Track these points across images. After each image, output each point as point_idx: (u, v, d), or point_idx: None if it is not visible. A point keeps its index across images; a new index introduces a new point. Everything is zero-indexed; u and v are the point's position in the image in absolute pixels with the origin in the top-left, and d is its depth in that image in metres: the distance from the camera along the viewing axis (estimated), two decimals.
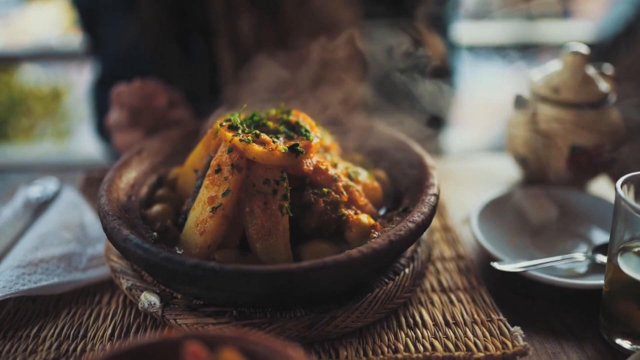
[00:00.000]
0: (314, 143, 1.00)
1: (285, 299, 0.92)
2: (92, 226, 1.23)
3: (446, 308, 1.02)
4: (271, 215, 0.94)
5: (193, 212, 0.97)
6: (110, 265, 1.06)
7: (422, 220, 0.95)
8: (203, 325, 0.91)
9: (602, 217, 1.25)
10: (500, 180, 1.50)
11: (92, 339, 0.95)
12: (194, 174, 1.10)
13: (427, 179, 1.06)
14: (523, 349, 0.90)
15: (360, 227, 0.98)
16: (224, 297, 0.92)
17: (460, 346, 0.92)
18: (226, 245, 0.97)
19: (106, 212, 0.97)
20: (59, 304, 1.04)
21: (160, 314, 0.94)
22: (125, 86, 1.38)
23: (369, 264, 0.88)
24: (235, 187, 0.95)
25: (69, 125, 4.52)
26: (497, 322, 0.97)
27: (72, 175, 1.51)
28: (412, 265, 1.04)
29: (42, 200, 1.33)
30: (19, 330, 0.97)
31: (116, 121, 1.39)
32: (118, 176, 1.09)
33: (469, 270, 1.11)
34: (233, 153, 0.96)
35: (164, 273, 0.87)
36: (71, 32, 4.20)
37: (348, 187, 1.03)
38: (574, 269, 1.11)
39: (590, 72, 1.33)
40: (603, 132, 1.30)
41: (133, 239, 0.89)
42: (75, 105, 4.53)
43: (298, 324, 0.91)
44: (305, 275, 0.83)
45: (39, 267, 1.06)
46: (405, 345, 0.92)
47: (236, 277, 0.83)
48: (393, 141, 1.22)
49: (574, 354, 0.94)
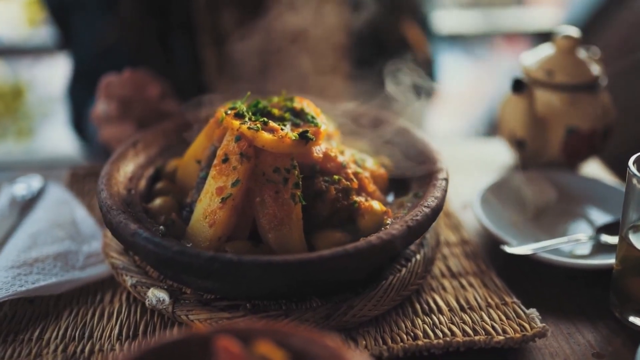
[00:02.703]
0: (322, 130, 0.98)
1: (302, 290, 0.90)
2: (84, 223, 1.18)
3: (459, 293, 1.01)
4: (283, 204, 0.91)
5: (200, 204, 0.94)
6: (110, 262, 1.02)
7: (436, 204, 0.94)
8: (217, 320, 0.88)
9: (599, 198, 1.26)
10: (493, 165, 1.50)
11: (100, 340, 0.91)
12: (194, 165, 1.06)
13: (436, 163, 1.05)
14: (542, 330, 0.90)
15: (373, 214, 0.96)
16: (239, 290, 0.89)
17: (479, 330, 0.91)
18: (236, 237, 0.94)
19: (109, 206, 0.92)
20: (58, 305, 0.99)
21: (170, 310, 0.91)
22: (115, 76, 1.33)
23: (389, 250, 0.86)
24: (244, 177, 0.92)
25: (31, 124, 4.37)
26: (512, 305, 0.97)
27: (55, 172, 1.45)
28: (423, 251, 1.03)
29: (27, 198, 1.28)
30: (19, 333, 0.92)
31: (104, 113, 1.33)
32: (116, 169, 1.05)
33: (475, 255, 1.11)
34: (241, 141, 0.93)
35: (178, 267, 0.83)
36: (34, 27, 4.07)
37: (357, 174, 1.01)
38: (577, 250, 1.12)
39: (582, 56, 1.35)
40: (597, 114, 1.32)
41: (142, 234, 0.85)
42: (38, 103, 4.38)
43: (315, 315, 0.89)
44: (327, 264, 0.81)
45: (35, 267, 1.01)
46: (424, 332, 0.91)
47: (256, 269, 0.80)
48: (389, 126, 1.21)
49: (588, 333, 0.95)
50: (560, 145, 1.33)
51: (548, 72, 1.32)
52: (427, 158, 1.09)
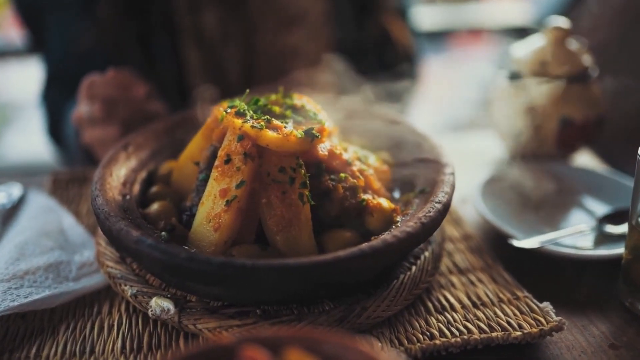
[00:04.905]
0: (327, 127, 0.95)
1: (315, 293, 0.87)
2: (72, 231, 1.12)
3: (469, 289, 0.99)
4: (291, 204, 0.88)
5: (203, 207, 0.90)
6: (107, 271, 0.96)
7: (447, 200, 0.92)
8: (227, 328, 0.84)
9: (594, 188, 1.27)
10: (485, 158, 1.49)
11: (103, 354, 0.86)
12: (191, 167, 1.02)
13: (440, 158, 1.03)
14: (559, 323, 0.88)
15: (382, 211, 0.94)
16: (249, 296, 0.86)
17: (495, 327, 0.89)
18: (241, 240, 0.90)
19: (107, 213, 0.87)
20: (53, 319, 0.93)
21: (176, 320, 0.86)
22: (98, 76, 1.27)
23: (405, 248, 0.84)
24: (249, 178, 0.88)
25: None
26: (524, 299, 0.95)
27: (34, 179, 1.38)
28: (431, 247, 1.01)
29: (7, 207, 1.21)
30: (14, 352, 0.86)
31: (87, 114, 1.27)
32: (108, 174, 0.99)
33: (480, 250, 1.09)
34: (244, 141, 0.89)
35: (186, 274, 0.79)
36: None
37: (362, 171, 0.99)
38: (578, 241, 1.11)
39: (572, 46, 1.35)
40: (589, 104, 1.32)
41: (147, 240, 0.81)
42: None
43: (329, 318, 0.86)
44: (344, 265, 0.78)
45: (26, 279, 0.95)
46: (440, 331, 0.89)
47: (271, 273, 0.76)
48: (390, 122, 1.19)
49: (602, 325, 0.94)
50: (554, 136, 1.33)
51: (541, 63, 1.31)
52: (430, 152, 1.07)
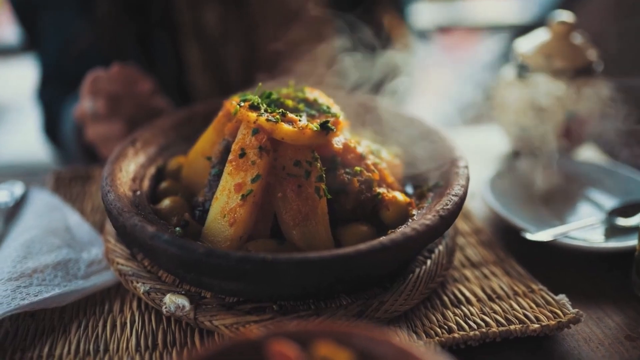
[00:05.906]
0: (341, 120, 0.94)
1: (334, 287, 0.86)
2: (79, 228, 1.10)
3: (483, 283, 0.99)
4: (307, 198, 0.87)
5: (217, 202, 0.89)
6: (117, 269, 0.95)
7: (463, 192, 0.92)
8: (244, 324, 0.83)
9: (599, 181, 1.27)
10: (490, 152, 1.49)
11: (117, 352, 0.84)
12: (201, 163, 1.01)
13: (453, 152, 1.03)
14: (576, 315, 0.88)
15: (397, 205, 0.93)
16: (267, 291, 0.84)
17: (512, 320, 0.89)
18: (257, 235, 0.89)
19: (120, 209, 0.86)
20: (63, 317, 0.92)
21: (192, 316, 0.85)
22: (103, 72, 1.25)
23: (424, 241, 0.83)
24: (265, 171, 0.87)
25: None
26: (539, 292, 0.95)
27: (35, 178, 1.36)
28: (445, 241, 1.00)
29: (10, 205, 1.19)
30: (26, 351, 0.85)
31: (91, 110, 1.25)
32: (118, 169, 0.98)
33: (491, 243, 1.09)
34: (259, 134, 0.88)
35: (204, 270, 0.78)
36: None
37: (376, 165, 0.98)
38: (588, 233, 1.11)
39: (577, 41, 1.35)
40: (594, 98, 1.32)
41: (163, 236, 0.79)
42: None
43: (347, 313, 0.85)
44: (365, 259, 0.77)
45: (34, 278, 0.93)
46: (457, 324, 0.88)
47: (292, 268, 0.75)
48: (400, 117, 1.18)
49: (616, 316, 0.94)
50: (560, 130, 1.33)
51: (547, 57, 1.32)
52: (441, 146, 1.06)
